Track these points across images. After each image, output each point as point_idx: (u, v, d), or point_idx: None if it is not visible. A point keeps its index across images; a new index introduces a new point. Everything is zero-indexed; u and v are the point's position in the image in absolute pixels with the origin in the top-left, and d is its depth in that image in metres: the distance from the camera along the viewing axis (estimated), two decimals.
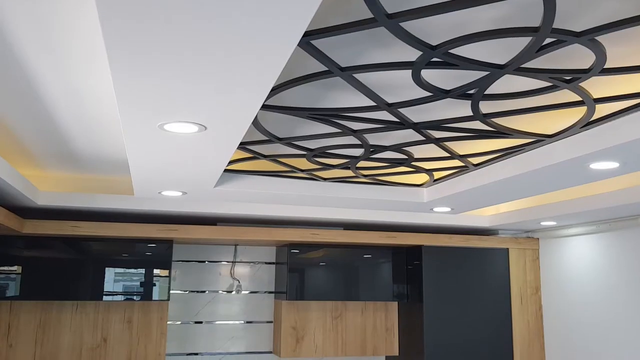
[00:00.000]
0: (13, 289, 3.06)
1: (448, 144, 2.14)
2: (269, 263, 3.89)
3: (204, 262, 3.78)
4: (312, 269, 3.60)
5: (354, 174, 2.61)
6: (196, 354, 3.66)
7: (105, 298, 3.21)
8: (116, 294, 3.22)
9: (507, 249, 3.70)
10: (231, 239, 3.35)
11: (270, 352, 3.79)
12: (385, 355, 3.93)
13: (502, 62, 1.41)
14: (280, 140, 2.09)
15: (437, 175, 2.66)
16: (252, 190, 2.65)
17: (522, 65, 1.40)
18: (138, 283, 3.28)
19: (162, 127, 1.62)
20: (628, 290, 3.03)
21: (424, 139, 2.03)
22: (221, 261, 3.80)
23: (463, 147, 2.29)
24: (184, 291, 3.71)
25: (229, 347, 3.72)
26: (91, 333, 3.26)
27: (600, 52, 1.30)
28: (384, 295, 3.69)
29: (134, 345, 3.31)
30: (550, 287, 3.63)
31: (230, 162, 2.42)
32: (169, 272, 3.33)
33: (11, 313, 3.18)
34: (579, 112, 1.83)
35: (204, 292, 3.74)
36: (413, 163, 2.41)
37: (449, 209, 3.01)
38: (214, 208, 3.10)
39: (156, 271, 3.31)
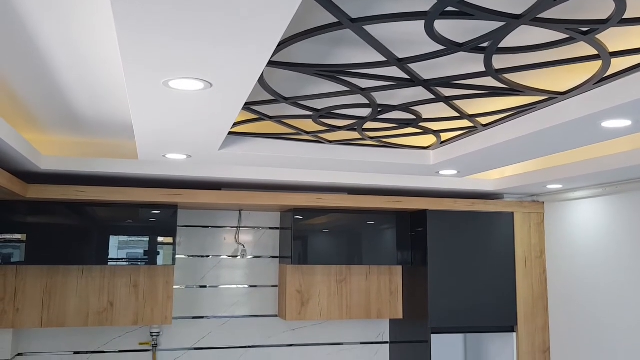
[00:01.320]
0: (18, 254, 3.07)
1: (457, 102, 2.10)
2: (273, 228, 3.89)
3: (209, 227, 3.77)
4: (317, 233, 3.60)
5: (360, 136, 2.58)
6: (202, 317, 3.69)
7: (110, 263, 3.21)
8: (122, 260, 3.23)
9: (512, 212, 3.69)
10: (235, 203, 3.33)
11: (276, 316, 3.82)
12: (389, 319, 3.97)
13: (517, 12, 1.37)
14: (286, 100, 2.05)
15: (444, 137, 2.63)
16: (257, 153, 2.62)
17: (539, 16, 1.35)
18: (143, 249, 3.28)
19: (166, 84, 1.59)
20: (632, 253, 3.03)
21: (433, 97, 1.99)
22: (226, 226, 3.80)
23: (472, 107, 2.25)
24: (189, 256, 3.72)
25: (234, 310, 3.75)
26: (97, 297, 3.28)
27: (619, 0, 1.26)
28: (388, 260, 3.70)
29: (140, 309, 3.33)
30: (555, 251, 3.63)
31: (235, 124, 2.39)
32: (174, 238, 3.33)
33: (17, 277, 3.19)
34: (592, 69, 1.79)
35: (208, 257, 3.75)
36: (421, 124, 2.37)
37: (455, 172, 2.99)
38: (219, 172, 3.08)
39: (161, 237, 3.31)
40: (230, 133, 2.50)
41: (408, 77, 1.80)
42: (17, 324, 3.15)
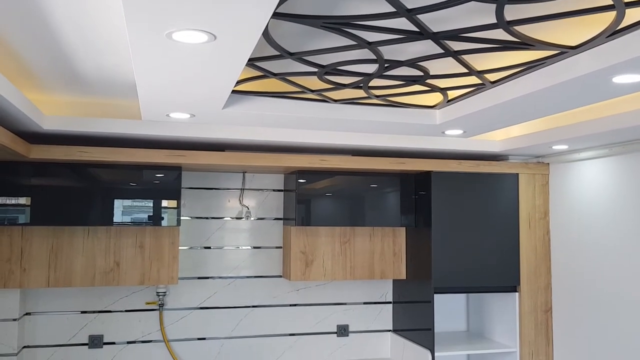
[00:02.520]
0: (23, 215, 3.07)
1: (466, 58, 2.07)
2: (277, 190, 3.89)
3: (213, 189, 3.77)
4: (320, 195, 3.60)
5: (366, 95, 2.54)
6: (207, 277, 3.72)
7: (115, 223, 3.22)
8: (126, 224, 3.24)
9: (517, 174, 3.68)
10: (239, 165, 3.32)
11: (280, 277, 3.85)
12: (392, 279, 4.00)
13: None
14: (291, 55, 2.01)
15: (451, 95, 2.59)
16: (261, 112, 2.59)
17: None
18: (148, 210, 3.28)
19: (170, 36, 1.55)
20: (637, 214, 3.02)
21: (441, 51, 1.95)
22: (230, 188, 3.80)
23: (480, 64, 2.21)
24: (193, 218, 3.73)
25: (239, 271, 3.78)
26: (104, 257, 3.30)
27: None
28: (392, 221, 3.71)
29: (146, 269, 3.36)
30: (559, 212, 3.63)
31: (239, 82, 2.35)
32: (179, 200, 3.32)
33: (23, 238, 3.20)
34: (605, 21, 1.75)
35: (212, 218, 3.76)
36: (428, 81, 2.34)
37: (461, 132, 2.96)
38: (222, 133, 3.06)
39: (165, 199, 3.31)
40: (234, 92, 2.47)
41: (417, 30, 1.76)
42: (25, 284, 3.18)
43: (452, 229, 3.55)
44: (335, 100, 2.62)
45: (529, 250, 3.66)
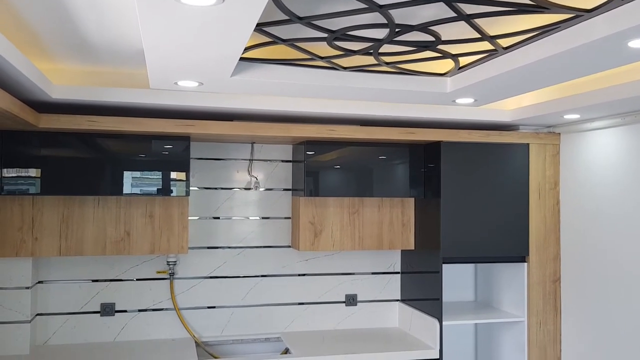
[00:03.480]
0: (33, 184, 3.09)
1: (479, 22, 2.03)
2: (286, 161, 3.89)
3: (222, 160, 3.77)
4: (329, 166, 3.59)
5: (376, 62, 2.51)
6: (216, 247, 3.75)
7: (125, 193, 3.23)
8: (136, 195, 3.25)
9: (528, 144, 3.65)
10: (248, 135, 3.32)
11: (289, 247, 3.87)
12: (401, 249, 4.01)
13: None
14: (300, 19, 1.98)
15: (462, 62, 2.56)
16: (270, 80, 2.57)
17: None
18: (157, 181, 3.28)
19: None
20: None
21: (454, 15, 1.91)
22: (238, 159, 3.80)
23: (493, 29, 2.18)
24: (202, 188, 3.74)
25: (248, 241, 3.80)
26: (114, 227, 3.33)
27: None
28: (401, 192, 3.71)
29: (156, 238, 3.38)
30: (569, 182, 3.61)
31: (247, 49, 2.33)
32: (188, 170, 3.33)
33: (34, 207, 3.23)
34: None
35: (221, 189, 3.77)
36: (439, 47, 2.30)
37: (471, 100, 2.93)
38: (231, 103, 3.05)
39: (174, 169, 3.31)
40: (242, 59, 2.45)
41: None
42: (37, 253, 3.22)
43: (462, 199, 3.54)
44: (345, 68, 2.59)
45: (539, 221, 3.65)
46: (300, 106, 3.13)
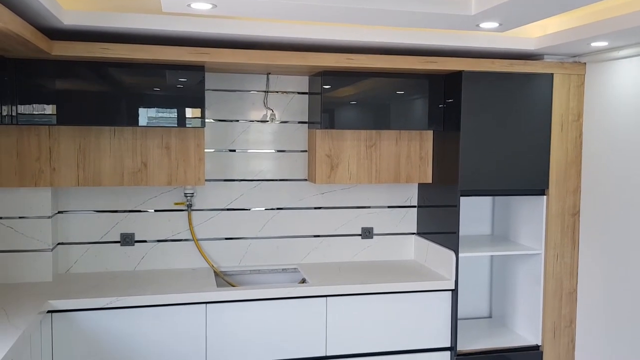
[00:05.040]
0: (49, 114, 3.07)
1: None
2: (302, 93, 3.81)
3: (237, 91, 3.71)
4: (346, 98, 3.52)
5: None
6: (233, 180, 3.75)
7: (141, 124, 3.21)
8: (152, 126, 3.22)
9: (552, 74, 3.53)
10: (263, 64, 3.24)
11: (305, 180, 3.86)
12: (418, 183, 3.98)
13: None
14: None
15: None
16: (286, 1, 2.47)
17: None
18: (172, 111, 3.24)
19: None
20: None
21: None
22: (253, 90, 3.73)
23: None
24: (218, 120, 3.70)
25: (264, 174, 3.79)
26: (131, 158, 3.32)
27: None
28: (419, 124, 3.64)
29: (173, 170, 3.38)
30: (593, 114, 3.51)
31: None
32: (203, 99, 3.27)
33: (50, 138, 3.22)
34: None
35: (237, 121, 3.73)
36: None
37: (496, 25, 2.80)
38: (246, 30, 2.96)
39: (189, 98, 3.26)
40: None
41: None
42: (55, 183, 3.24)
43: (482, 131, 3.47)
44: None
45: (560, 154, 3.58)
46: (317, 33, 3.03)
